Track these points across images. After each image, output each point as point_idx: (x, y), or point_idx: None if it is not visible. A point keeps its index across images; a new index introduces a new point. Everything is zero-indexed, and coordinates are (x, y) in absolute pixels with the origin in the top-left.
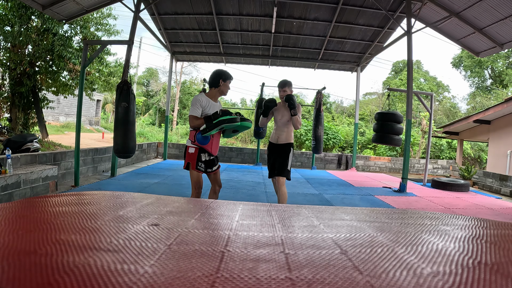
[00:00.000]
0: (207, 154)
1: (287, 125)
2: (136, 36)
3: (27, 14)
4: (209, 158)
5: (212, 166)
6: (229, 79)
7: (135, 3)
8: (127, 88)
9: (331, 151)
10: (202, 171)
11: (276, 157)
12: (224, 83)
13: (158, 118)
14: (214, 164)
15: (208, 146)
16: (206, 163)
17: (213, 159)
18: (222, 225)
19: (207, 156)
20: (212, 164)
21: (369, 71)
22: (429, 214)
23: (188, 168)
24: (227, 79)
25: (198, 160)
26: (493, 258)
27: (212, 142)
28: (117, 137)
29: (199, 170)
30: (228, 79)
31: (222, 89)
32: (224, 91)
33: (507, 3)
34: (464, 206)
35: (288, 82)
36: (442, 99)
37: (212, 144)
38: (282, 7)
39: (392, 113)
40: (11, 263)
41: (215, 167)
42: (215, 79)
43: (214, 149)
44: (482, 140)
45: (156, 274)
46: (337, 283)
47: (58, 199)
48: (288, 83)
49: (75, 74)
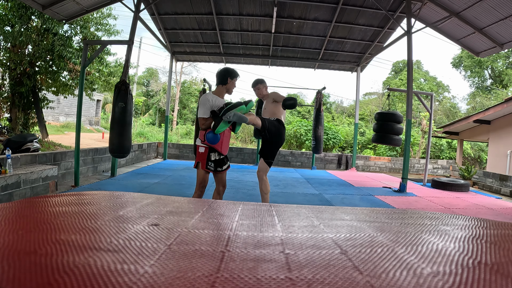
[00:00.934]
0: (216, 154)
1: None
2: (136, 36)
3: (27, 14)
4: (219, 157)
5: (222, 165)
6: (236, 76)
7: (135, 3)
8: (125, 88)
9: (331, 151)
10: (211, 171)
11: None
12: (231, 81)
13: (158, 118)
14: (224, 163)
15: (218, 145)
16: (216, 163)
17: (222, 159)
18: (222, 225)
19: (217, 156)
20: (222, 163)
21: (369, 71)
22: (429, 214)
23: (198, 167)
24: (234, 77)
25: (208, 159)
26: (493, 258)
27: (222, 141)
28: (113, 136)
29: (208, 170)
30: (235, 77)
31: (229, 86)
32: (230, 89)
33: (507, 3)
34: (464, 206)
35: (260, 80)
36: (442, 99)
37: (222, 143)
38: (282, 7)
39: (392, 113)
40: (11, 263)
41: (225, 166)
42: (224, 76)
43: (224, 148)
44: (482, 140)
45: (156, 274)
46: (337, 283)
47: (58, 199)
48: (260, 81)
49: (75, 74)
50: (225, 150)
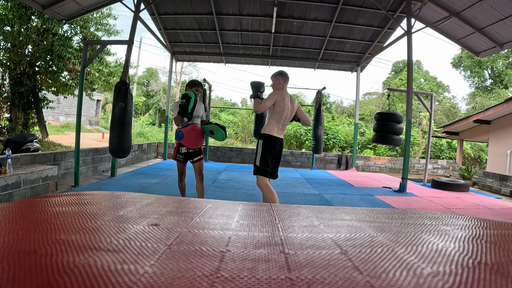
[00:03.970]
0: (184, 148)
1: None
2: (136, 36)
3: (27, 14)
4: (187, 151)
5: (193, 157)
6: (196, 86)
7: (135, 3)
8: (125, 88)
9: (331, 151)
10: (181, 161)
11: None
12: (190, 89)
13: (158, 118)
14: (195, 156)
15: (183, 141)
16: (186, 155)
17: (193, 152)
18: (222, 225)
19: (185, 150)
20: (193, 156)
21: (369, 71)
22: (429, 214)
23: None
24: (192, 86)
25: (177, 152)
26: (493, 258)
27: (186, 138)
28: (113, 136)
29: (177, 160)
30: (193, 86)
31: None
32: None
33: (507, 3)
34: (464, 206)
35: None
36: (442, 99)
37: (186, 139)
38: (282, 7)
39: (392, 113)
40: (11, 263)
41: (196, 159)
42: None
43: (190, 144)
44: (482, 140)
45: (156, 274)
46: (337, 283)
47: (58, 199)
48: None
49: (75, 74)
50: (191, 145)
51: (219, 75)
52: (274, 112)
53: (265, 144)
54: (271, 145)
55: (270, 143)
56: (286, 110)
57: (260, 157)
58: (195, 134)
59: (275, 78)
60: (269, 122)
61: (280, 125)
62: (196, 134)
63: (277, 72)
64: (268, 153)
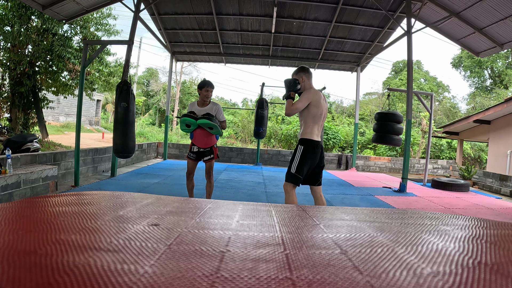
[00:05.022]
0: (196, 147)
1: (301, 118)
2: (136, 36)
3: (27, 14)
4: (198, 150)
5: (204, 157)
6: (204, 87)
7: (135, 3)
8: (126, 88)
9: (331, 151)
10: (192, 159)
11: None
12: (200, 91)
13: (158, 118)
14: (205, 155)
15: (193, 140)
16: (197, 154)
17: (203, 152)
18: (222, 225)
19: (197, 149)
20: (204, 155)
21: (369, 71)
22: (429, 214)
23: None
24: (200, 87)
25: (190, 150)
26: (493, 258)
27: (195, 138)
28: (117, 137)
29: (189, 158)
30: (202, 87)
31: (201, 96)
32: (202, 98)
33: (507, 3)
34: (464, 206)
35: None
36: (442, 99)
37: (196, 139)
38: (282, 7)
39: (392, 113)
40: (11, 263)
41: (206, 158)
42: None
43: (199, 143)
44: (482, 140)
45: (156, 274)
46: (337, 283)
47: (58, 199)
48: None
49: (75, 74)
50: (201, 144)
51: (219, 75)
52: (311, 114)
53: (305, 151)
54: (312, 152)
55: (311, 148)
56: (323, 110)
57: (297, 165)
58: (202, 134)
59: (297, 76)
60: (307, 125)
61: (319, 126)
62: (204, 134)
63: (298, 69)
64: (307, 160)
